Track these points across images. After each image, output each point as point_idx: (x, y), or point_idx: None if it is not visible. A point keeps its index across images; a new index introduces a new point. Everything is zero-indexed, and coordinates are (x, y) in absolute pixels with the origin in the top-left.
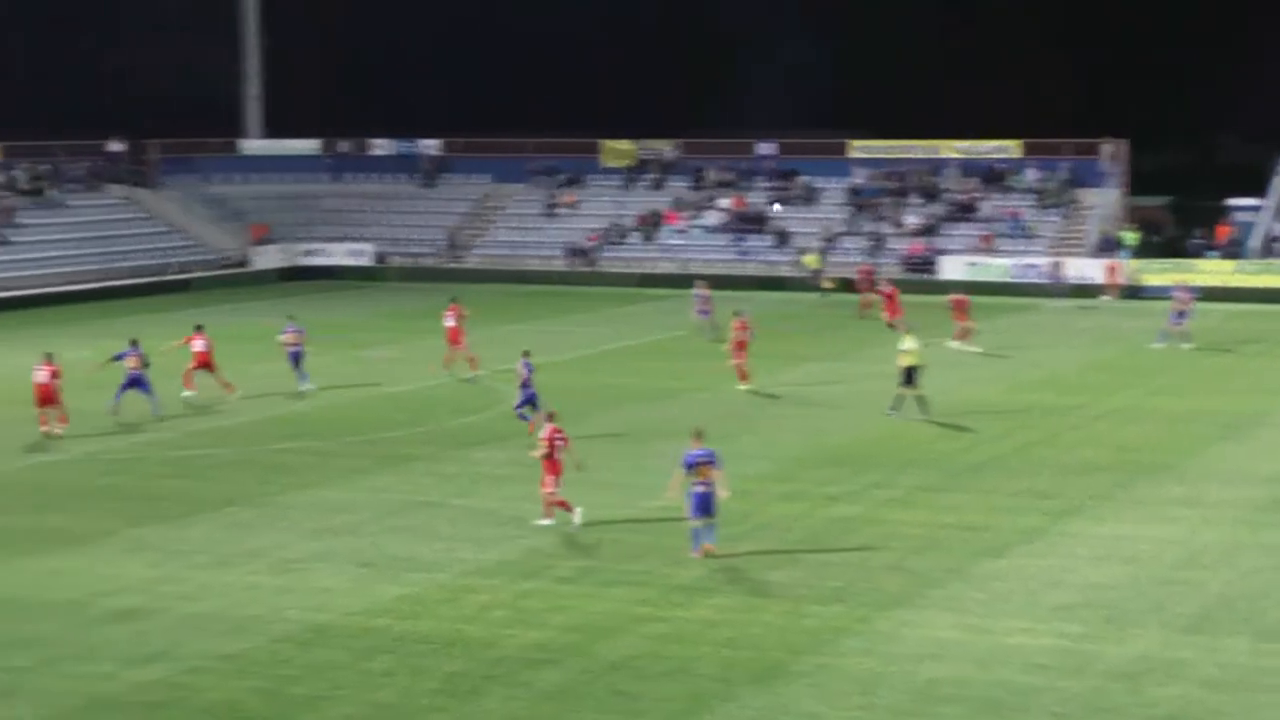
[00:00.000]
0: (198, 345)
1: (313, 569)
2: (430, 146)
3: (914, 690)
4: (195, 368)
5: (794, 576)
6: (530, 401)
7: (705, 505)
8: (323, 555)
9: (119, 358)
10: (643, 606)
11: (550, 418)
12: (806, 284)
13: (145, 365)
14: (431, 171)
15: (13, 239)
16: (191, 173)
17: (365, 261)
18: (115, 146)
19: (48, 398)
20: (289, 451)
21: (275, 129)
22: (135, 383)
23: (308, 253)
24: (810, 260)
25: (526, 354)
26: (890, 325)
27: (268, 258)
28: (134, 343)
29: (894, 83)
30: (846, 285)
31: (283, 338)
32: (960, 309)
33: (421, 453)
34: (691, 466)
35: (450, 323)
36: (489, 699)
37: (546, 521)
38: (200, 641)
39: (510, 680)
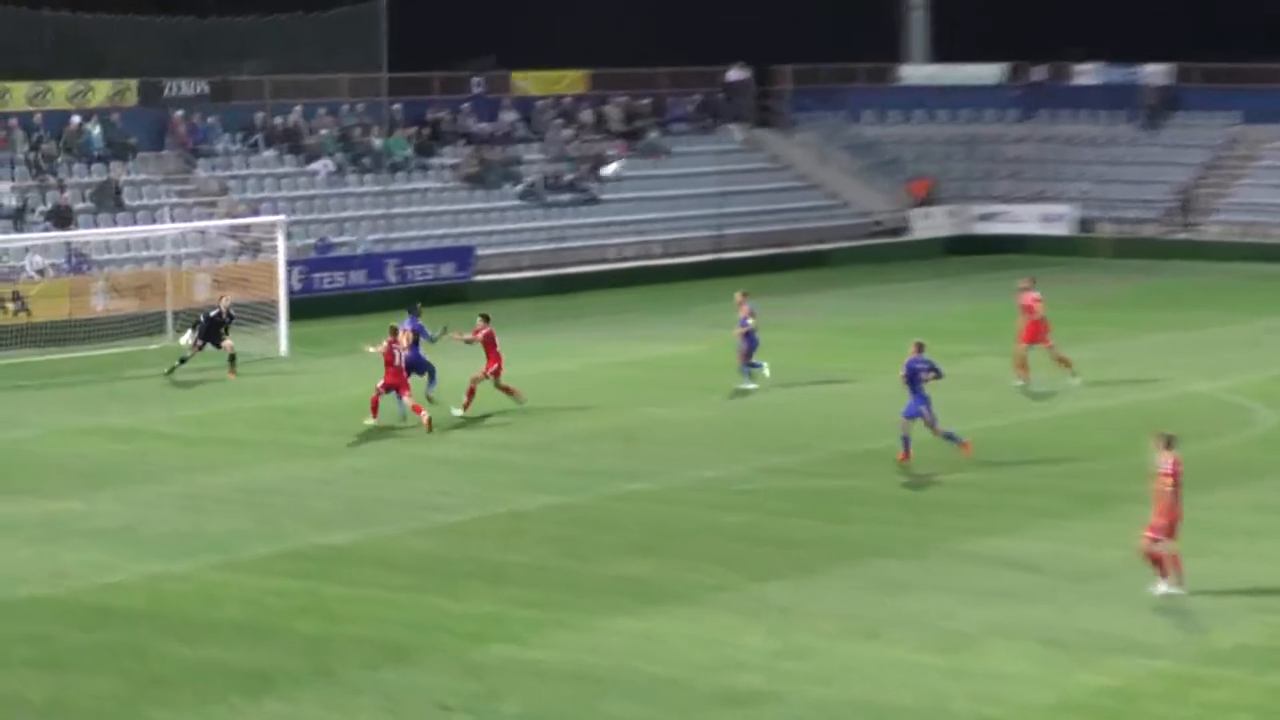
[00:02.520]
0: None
1: (986, 645)
2: (1156, 75)
3: None
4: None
5: None
6: (922, 409)
7: None
8: (1000, 627)
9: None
10: None
11: (1168, 443)
12: None
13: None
14: (1157, 108)
15: (602, 196)
16: (834, 109)
17: (1062, 230)
18: (736, 75)
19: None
20: (955, 485)
21: (946, 52)
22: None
23: (984, 216)
24: None
25: (920, 346)
26: None
27: (933, 223)
28: (412, 311)
29: None
30: None
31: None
32: None
33: (1131, 490)
34: None
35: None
36: None
37: (1171, 588)
38: None
39: None
